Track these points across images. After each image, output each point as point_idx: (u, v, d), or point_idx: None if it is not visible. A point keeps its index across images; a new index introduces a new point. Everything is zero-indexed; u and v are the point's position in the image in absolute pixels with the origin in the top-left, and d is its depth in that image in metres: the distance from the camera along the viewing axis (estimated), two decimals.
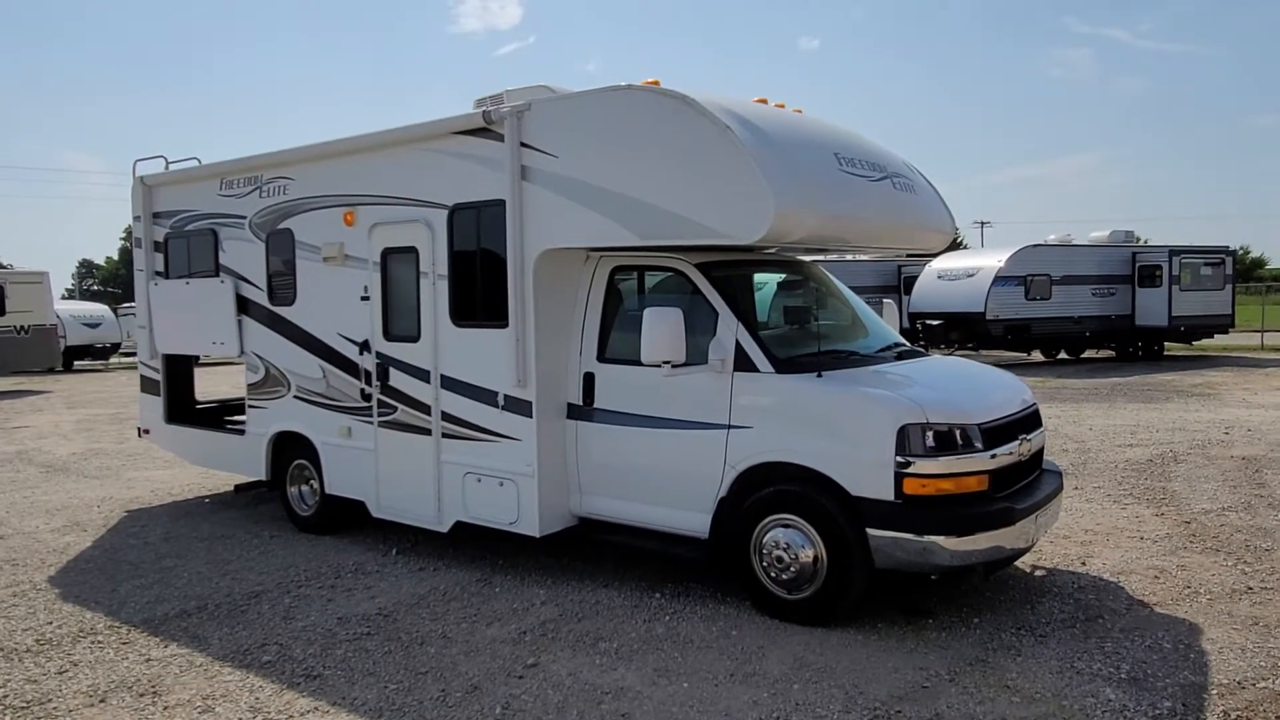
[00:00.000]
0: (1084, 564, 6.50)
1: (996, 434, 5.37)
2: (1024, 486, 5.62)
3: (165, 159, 8.96)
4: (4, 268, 33.89)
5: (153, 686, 4.77)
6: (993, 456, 5.26)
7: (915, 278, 25.27)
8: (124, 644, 5.38)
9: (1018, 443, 5.52)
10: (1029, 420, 5.87)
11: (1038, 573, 6.32)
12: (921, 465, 5.05)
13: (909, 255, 22.48)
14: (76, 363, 29.97)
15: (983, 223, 72.77)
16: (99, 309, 32.08)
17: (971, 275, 23.24)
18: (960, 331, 23.40)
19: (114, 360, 31.56)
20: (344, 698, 4.60)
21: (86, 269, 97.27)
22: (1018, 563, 6.21)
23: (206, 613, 5.88)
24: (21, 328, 23.31)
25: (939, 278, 24.08)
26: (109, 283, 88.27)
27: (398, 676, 4.83)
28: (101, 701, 4.62)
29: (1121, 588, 6.00)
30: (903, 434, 5.05)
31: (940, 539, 5.00)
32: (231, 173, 8.20)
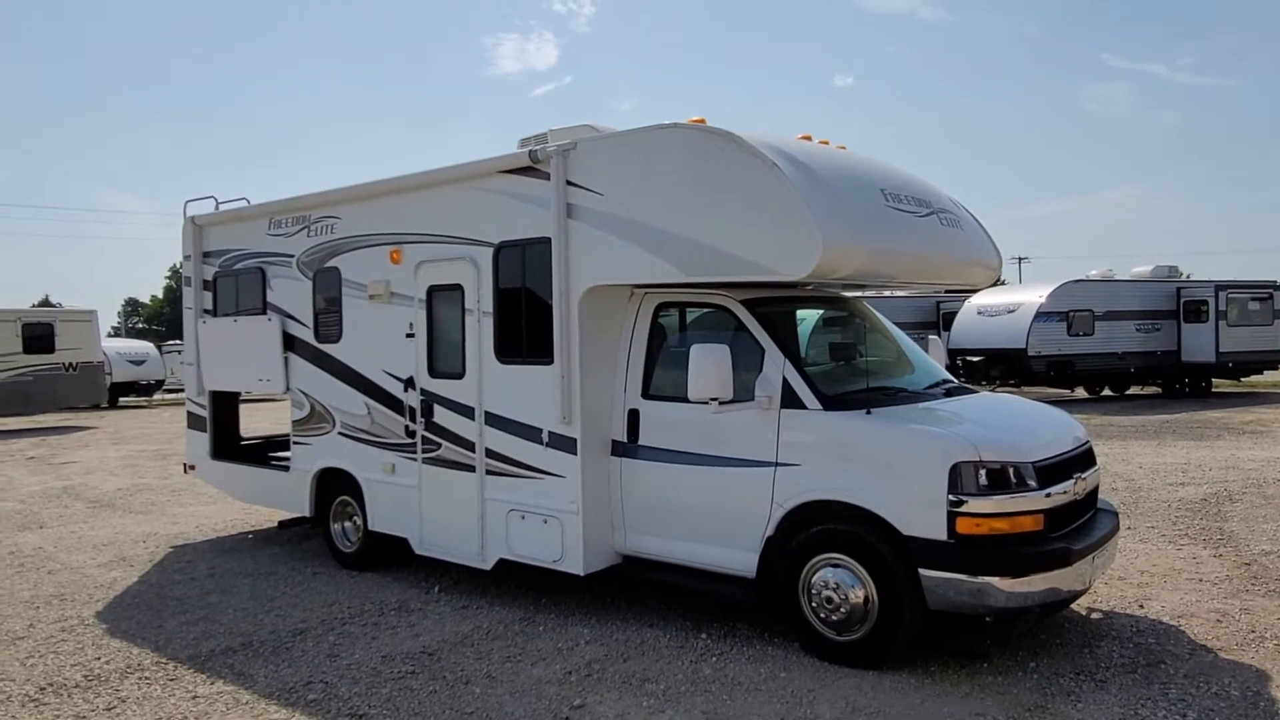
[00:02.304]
0: (1142, 606, 6.31)
1: (1051, 472, 5.25)
2: (1080, 526, 5.49)
3: (215, 199, 9.17)
4: (53, 306, 34.76)
5: None
6: (1047, 495, 5.14)
7: (955, 314, 25.06)
8: (171, 680, 5.40)
9: (1072, 481, 5.39)
10: (1083, 458, 5.75)
11: (1094, 615, 6.14)
12: (975, 504, 4.95)
13: (951, 291, 22.33)
14: (121, 399, 30.55)
15: (1020, 258, 72.06)
16: (144, 346, 32.79)
17: (1012, 311, 23.00)
18: (1001, 368, 23.11)
19: (158, 396, 32.12)
20: None
21: (132, 307, 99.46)
22: (1073, 605, 6.04)
23: (252, 649, 5.89)
24: (70, 365, 23.84)
25: (979, 313, 23.85)
26: (154, 320, 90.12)
27: (444, 717, 4.78)
28: None
29: (1183, 632, 5.81)
30: (955, 472, 4.96)
31: (995, 580, 4.88)
32: (280, 212, 8.36)
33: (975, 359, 23.34)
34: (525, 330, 6.50)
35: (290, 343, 8.25)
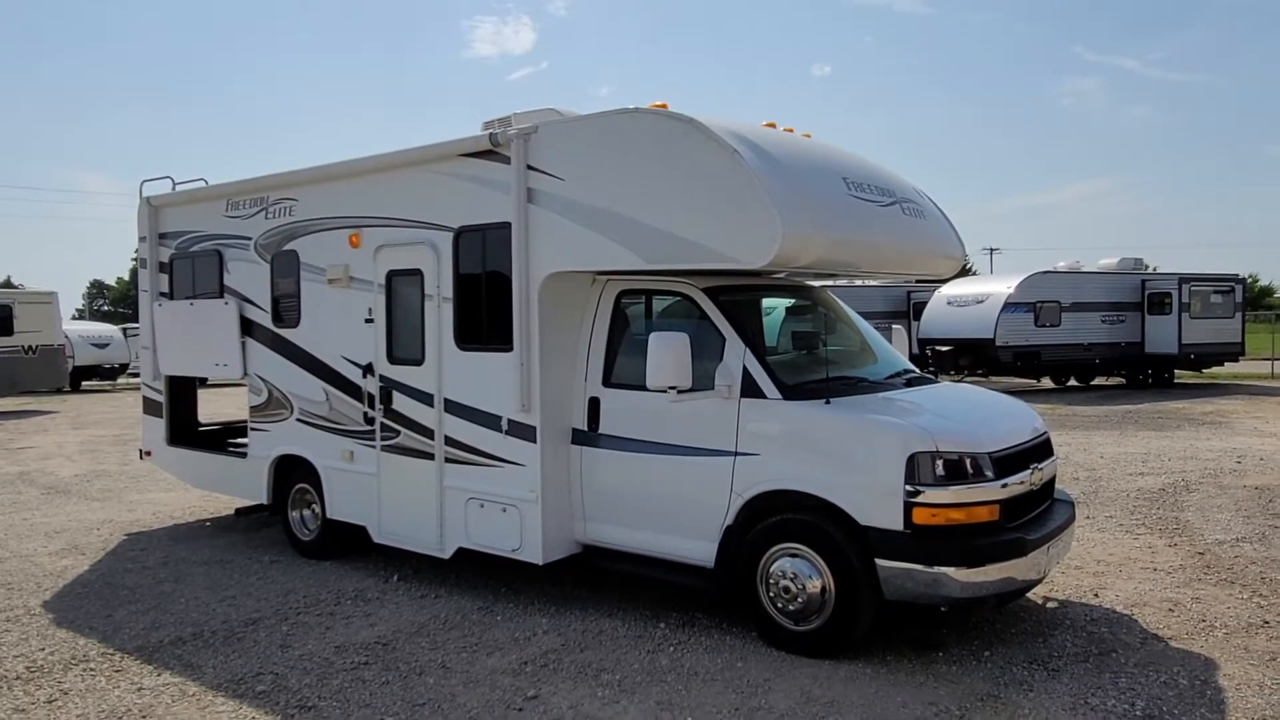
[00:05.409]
0: (1096, 596, 6.37)
1: (1008, 463, 5.26)
2: (1036, 516, 5.51)
3: (172, 179, 8.98)
4: (14, 288, 34.03)
5: (143, 717, 4.67)
6: (1004, 486, 5.15)
7: (924, 304, 25.19)
8: (116, 672, 5.28)
9: (1029, 472, 5.41)
10: (1040, 449, 5.77)
11: (1049, 605, 6.19)
12: (931, 494, 4.94)
13: (919, 281, 22.43)
14: (84, 383, 30.01)
15: (992, 249, 72.77)
16: (108, 329, 32.17)
17: (981, 301, 23.16)
18: (970, 358, 23.29)
19: (121, 381, 31.57)
20: None
21: (97, 289, 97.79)
22: (1029, 594, 6.08)
23: (202, 640, 5.78)
24: (29, 347, 23.36)
25: (948, 304, 23.99)
26: (120, 303, 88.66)
27: (394, 708, 4.72)
28: None
29: (1135, 621, 5.87)
30: (912, 462, 4.95)
31: (950, 570, 4.89)
32: (238, 194, 8.19)
33: (944, 349, 23.49)
34: (485, 317, 6.41)
35: (248, 327, 8.10)
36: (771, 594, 5.38)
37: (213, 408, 10.04)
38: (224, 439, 9.36)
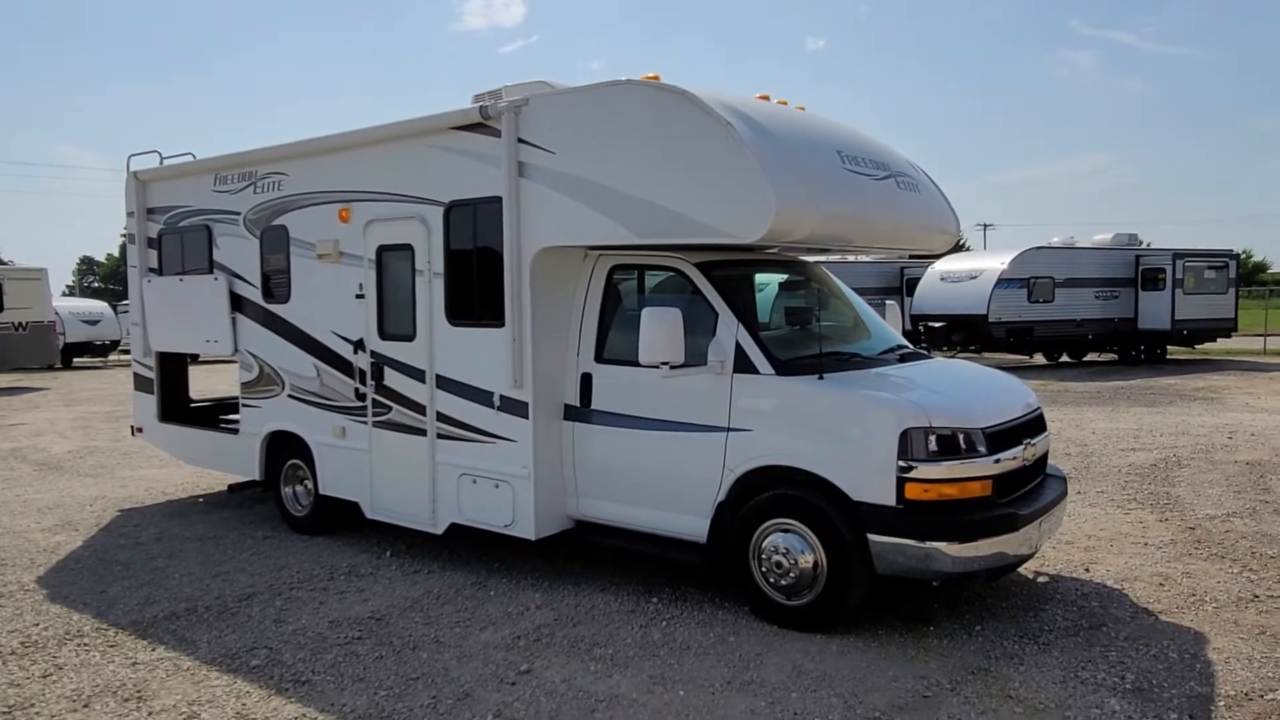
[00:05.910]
0: (1088, 570, 6.40)
1: (1000, 438, 5.26)
2: (1028, 492, 5.52)
3: (159, 154, 8.88)
4: (3, 264, 33.81)
5: (138, 691, 4.68)
6: (996, 461, 5.16)
7: (918, 279, 25.17)
8: (110, 647, 5.29)
9: (1022, 447, 5.42)
10: (1033, 424, 5.77)
11: (1041, 579, 6.22)
12: (924, 470, 4.95)
13: (913, 256, 22.42)
14: (75, 360, 29.89)
15: (985, 225, 72.61)
16: (98, 306, 31.97)
17: (974, 277, 23.14)
18: (962, 334, 23.29)
19: (113, 357, 31.44)
20: (332, 704, 4.51)
21: (87, 266, 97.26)
22: (1021, 569, 6.11)
23: (196, 615, 5.78)
24: (19, 324, 23.23)
25: (942, 280, 23.98)
26: (110, 279, 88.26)
27: (388, 682, 4.73)
28: (85, 706, 4.52)
29: (1126, 595, 5.90)
30: (905, 438, 4.95)
31: (942, 545, 4.90)
32: (226, 168, 8.10)
33: (937, 325, 23.49)
34: (477, 292, 6.37)
35: (238, 303, 8.05)
36: (764, 569, 5.39)
37: (204, 384, 9.99)
38: (216, 415, 9.33)
